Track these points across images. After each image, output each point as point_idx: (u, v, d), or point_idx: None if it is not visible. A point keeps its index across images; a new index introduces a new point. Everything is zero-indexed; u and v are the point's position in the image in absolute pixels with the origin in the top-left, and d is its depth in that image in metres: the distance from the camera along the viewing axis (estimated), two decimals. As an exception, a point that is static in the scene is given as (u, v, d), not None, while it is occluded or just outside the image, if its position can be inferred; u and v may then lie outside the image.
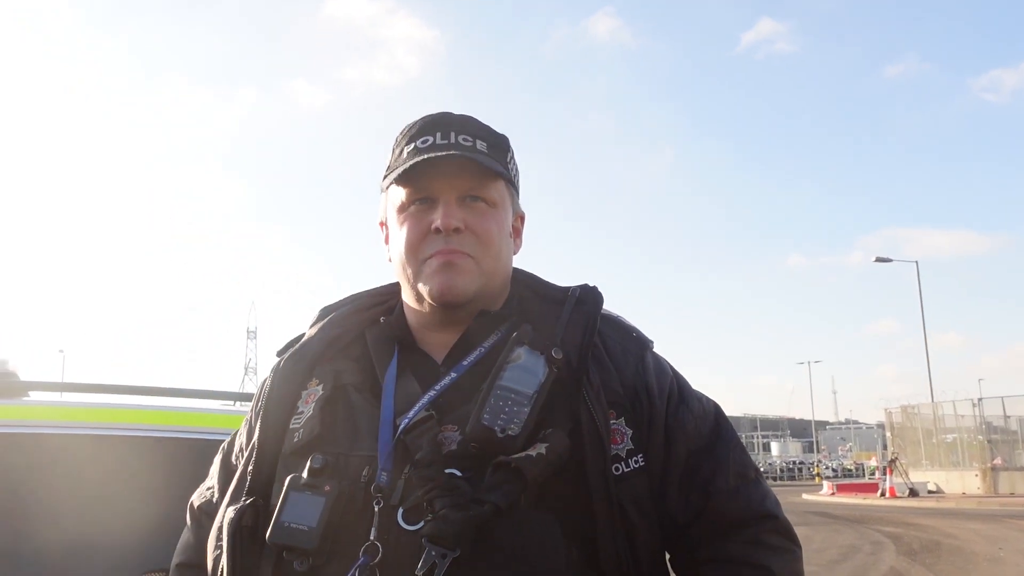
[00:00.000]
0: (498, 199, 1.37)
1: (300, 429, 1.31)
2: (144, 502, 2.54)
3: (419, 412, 1.25)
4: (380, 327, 1.43)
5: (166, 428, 2.70)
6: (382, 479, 1.20)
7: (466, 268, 1.32)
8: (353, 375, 1.36)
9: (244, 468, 1.35)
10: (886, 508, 25.14)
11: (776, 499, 1.35)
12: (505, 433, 1.18)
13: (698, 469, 1.31)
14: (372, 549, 1.16)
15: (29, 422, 2.55)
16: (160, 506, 2.53)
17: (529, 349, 1.27)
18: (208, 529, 1.40)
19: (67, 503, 2.46)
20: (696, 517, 1.29)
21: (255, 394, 1.48)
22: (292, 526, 1.18)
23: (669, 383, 1.37)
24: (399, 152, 1.38)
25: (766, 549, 1.27)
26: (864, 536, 16.25)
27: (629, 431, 1.28)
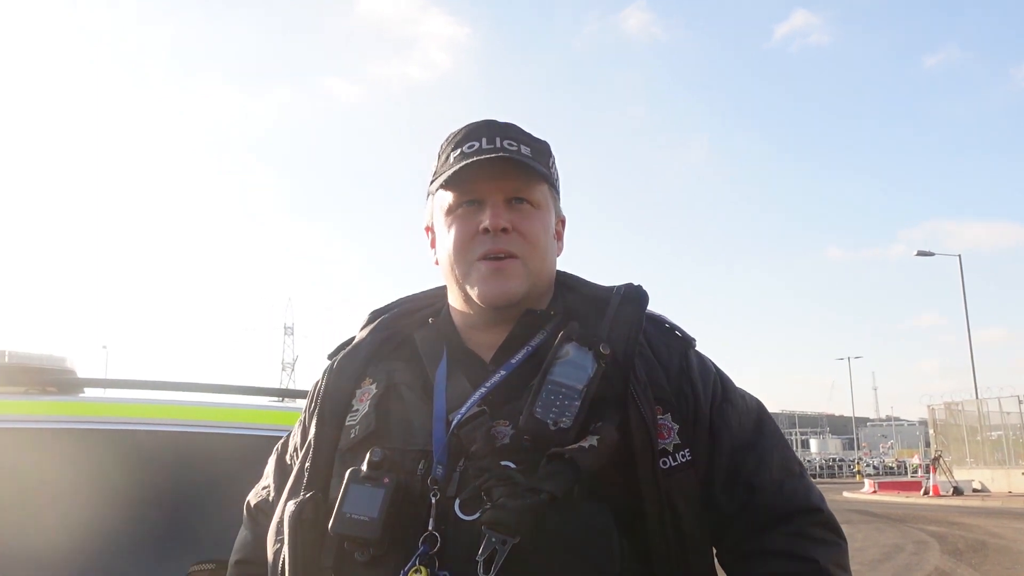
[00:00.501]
0: (542, 201, 1.42)
1: (356, 426, 1.36)
2: (194, 496, 2.61)
3: (471, 408, 1.29)
4: (429, 328, 1.48)
5: (215, 424, 2.76)
6: (438, 472, 1.25)
7: (514, 271, 1.36)
8: (405, 374, 1.41)
9: (302, 464, 1.40)
10: (930, 507, 24.77)
11: (821, 493, 1.37)
12: (557, 426, 1.22)
13: (743, 464, 1.34)
14: (431, 539, 1.20)
15: (85, 418, 2.62)
16: (209, 500, 2.60)
17: (577, 345, 1.30)
18: (265, 526, 1.46)
19: (121, 497, 2.53)
20: (741, 511, 1.32)
21: (308, 395, 1.53)
22: (354, 517, 1.23)
23: (713, 380, 1.40)
24: (445, 158, 1.43)
25: (812, 542, 1.30)
26: (907, 535, 16.04)
27: (675, 426, 1.32)
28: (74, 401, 2.69)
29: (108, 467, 2.56)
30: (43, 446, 2.50)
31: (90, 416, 2.62)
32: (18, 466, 2.45)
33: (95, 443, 2.57)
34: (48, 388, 2.69)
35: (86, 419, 2.60)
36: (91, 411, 2.66)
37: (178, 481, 2.63)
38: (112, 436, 2.60)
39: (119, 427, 2.62)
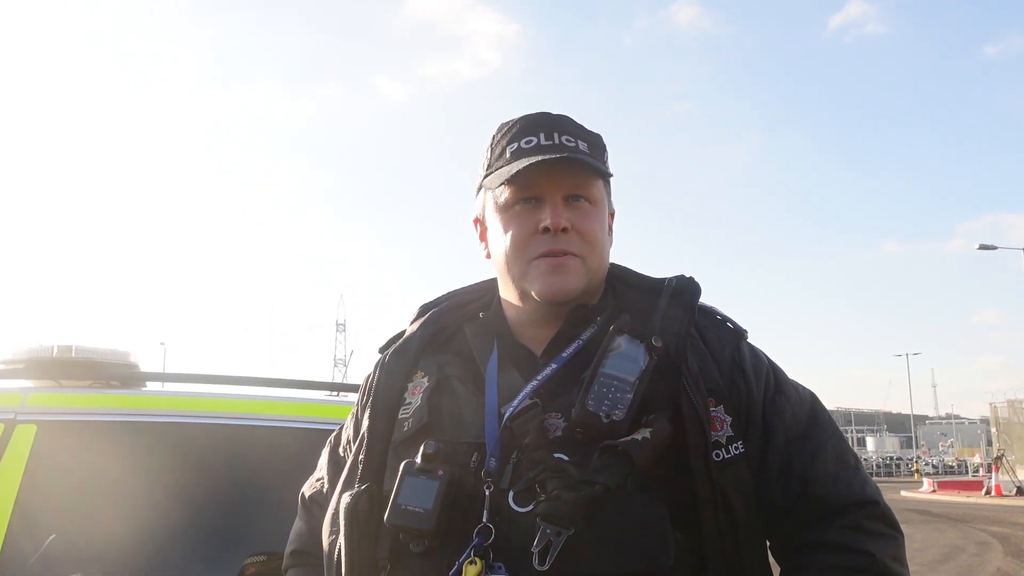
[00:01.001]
0: (599, 198, 1.42)
1: (409, 419, 1.38)
2: (250, 489, 2.66)
3: (523, 400, 1.29)
4: (479, 322, 1.48)
5: (272, 418, 2.80)
6: (491, 464, 1.26)
7: (574, 269, 1.36)
8: (456, 367, 1.42)
9: (355, 457, 1.42)
10: (991, 507, 24.15)
11: (876, 486, 1.36)
12: (610, 418, 1.22)
13: (797, 456, 1.32)
14: (485, 531, 1.21)
15: (146, 411, 2.69)
16: (265, 493, 2.65)
17: (629, 338, 1.30)
18: (319, 518, 1.48)
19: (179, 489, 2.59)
20: (796, 503, 1.31)
21: (360, 388, 1.55)
22: (409, 508, 1.24)
23: (765, 371, 1.39)
24: (499, 151, 1.42)
25: (868, 535, 1.28)
26: (968, 536, 15.67)
27: (728, 419, 1.31)
28: (136, 395, 2.76)
29: (167, 460, 2.62)
30: (106, 438, 2.57)
31: (151, 409, 2.68)
32: (83, 458, 2.52)
33: (155, 436, 2.64)
34: (112, 382, 2.77)
35: (147, 412, 2.66)
36: (152, 404, 2.72)
37: (235, 474, 2.68)
38: (171, 429, 2.66)
39: (178, 420, 2.67)
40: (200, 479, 2.63)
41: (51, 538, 2.47)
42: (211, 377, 2.96)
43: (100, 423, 2.58)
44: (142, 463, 2.58)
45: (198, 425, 2.68)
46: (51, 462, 2.41)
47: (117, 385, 2.78)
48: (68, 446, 2.49)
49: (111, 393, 2.70)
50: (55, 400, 2.58)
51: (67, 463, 2.48)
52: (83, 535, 2.50)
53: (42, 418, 2.46)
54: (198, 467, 2.64)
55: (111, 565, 2.44)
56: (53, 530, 2.48)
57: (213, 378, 2.96)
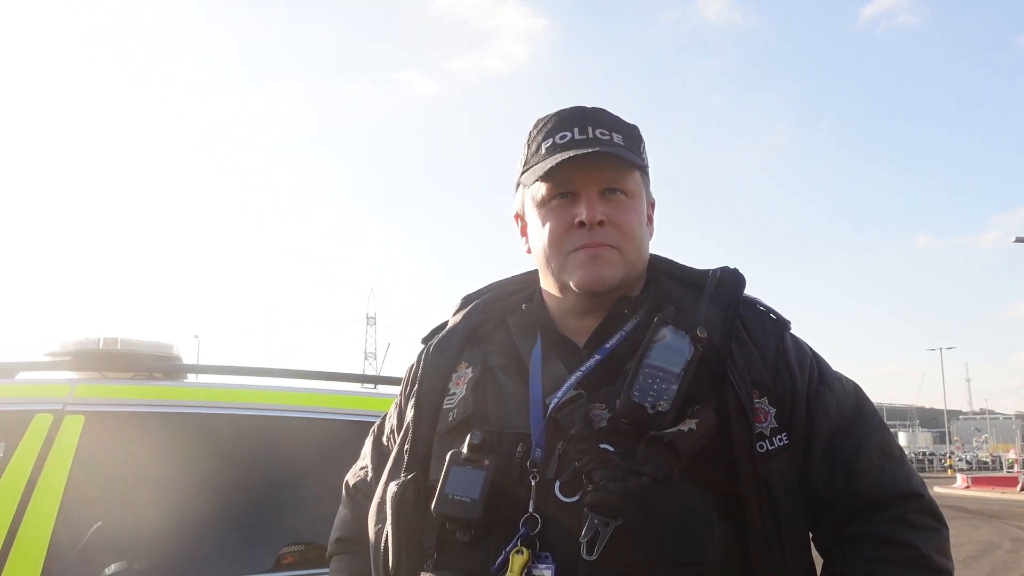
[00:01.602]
0: (636, 190, 1.41)
1: (454, 409, 1.39)
2: (288, 479, 2.70)
3: (568, 391, 1.30)
4: (522, 313, 1.49)
5: (308, 409, 2.84)
6: (536, 455, 1.27)
7: (611, 259, 1.37)
8: (500, 358, 1.43)
9: (400, 447, 1.43)
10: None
11: (921, 479, 1.35)
12: (655, 409, 1.23)
13: (841, 448, 1.32)
14: (532, 520, 1.22)
15: (188, 403, 2.73)
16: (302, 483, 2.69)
17: (674, 329, 1.31)
18: (363, 506, 1.50)
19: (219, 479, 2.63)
20: (839, 495, 1.30)
21: (403, 379, 1.57)
22: (456, 498, 1.25)
23: (809, 363, 1.39)
24: (535, 147, 1.43)
25: (912, 528, 1.28)
26: (1003, 532, 15.47)
27: (772, 410, 1.31)
28: (179, 387, 2.81)
29: (208, 451, 2.66)
30: (150, 429, 2.62)
31: (193, 401, 2.73)
32: (127, 448, 2.57)
33: (197, 427, 2.68)
34: (155, 374, 2.82)
35: (189, 404, 2.71)
36: (194, 396, 2.77)
37: (273, 465, 2.72)
38: (212, 421, 2.70)
39: (219, 412, 2.72)
40: (239, 469, 2.67)
41: (96, 526, 2.53)
42: (252, 370, 3.00)
43: (145, 414, 2.63)
44: (184, 454, 2.62)
45: (238, 416, 2.73)
46: (98, 452, 2.46)
47: (160, 377, 2.83)
48: (114, 436, 2.54)
49: (155, 385, 2.75)
50: (102, 391, 2.63)
51: (112, 453, 2.53)
52: (126, 524, 2.55)
53: (90, 409, 2.51)
54: (237, 458, 2.69)
55: (152, 553, 2.49)
56: (98, 518, 2.53)
57: (254, 370, 3.00)
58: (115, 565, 2.44)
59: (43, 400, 2.50)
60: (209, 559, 2.52)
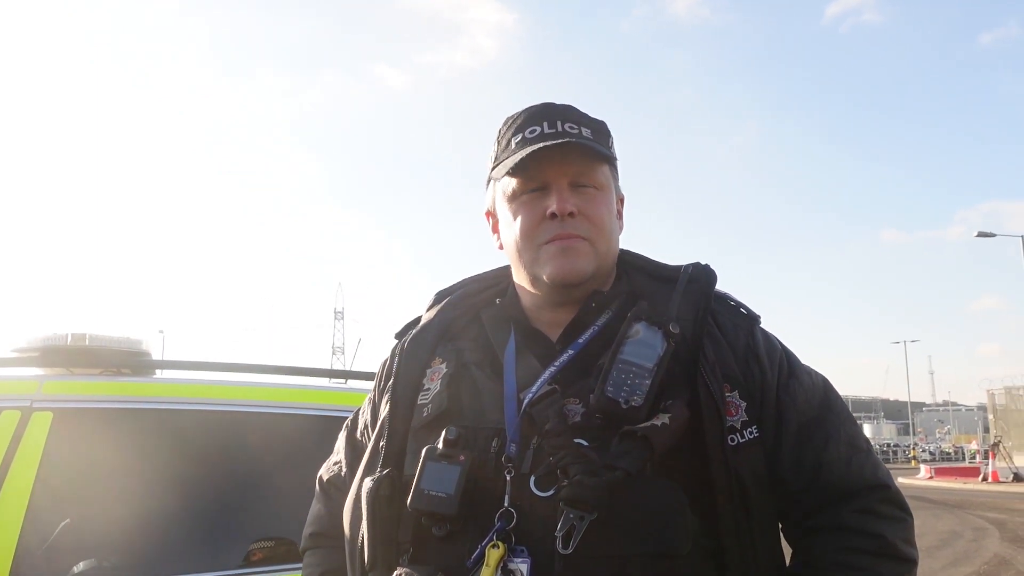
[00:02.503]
0: (605, 183, 1.42)
1: (428, 404, 1.39)
2: (256, 475, 2.69)
3: (542, 386, 1.31)
4: (495, 308, 1.50)
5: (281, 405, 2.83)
6: (511, 450, 1.27)
7: (583, 251, 1.37)
8: (474, 353, 1.43)
9: (376, 443, 1.43)
10: (988, 493, 24.25)
11: (887, 470, 1.38)
12: (629, 404, 1.24)
13: (809, 440, 1.34)
14: (507, 515, 1.23)
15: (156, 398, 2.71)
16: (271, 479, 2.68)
17: (647, 324, 1.32)
18: (337, 501, 1.50)
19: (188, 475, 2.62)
20: (808, 486, 1.33)
21: (377, 374, 1.57)
22: (431, 493, 1.26)
23: (779, 357, 1.41)
24: (505, 143, 1.43)
25: (879, 518, 1.30)
26: (965, 522, 15.76)
27: (743, 404, 1.33)
28: (147, 383, 2.78)
29: (178, 447, 2.64)
30: (118, 426, 2.60)
31: (163, 397, 2.71)
32: (96, 445, 2.54)
33: (166, 424, 2.66)
34: (123, 370, 2.79)
35: (159, 400, 2.69)
36: (163, 392, 2.75)
37: (243, 460, 2.71)
38: (182, 417, 2.68)
39: (189, 408, 2.70)
40: (208, 466, 2.66)
41: (64, 523, 2.50)
42: (221, 365, 2.98)
43: (113, 410, 2.61)
44: (152, 450, 2.61)
45: (207, 412, 2.71)
46: (66, 449, 2.44)
47: (128, 373, 2.80)
48: (82, 433, 2.51)
49: (123, 381, 2.73)
50: (70, 388, 2.61)
51: (81, 450, 2.50)
52: (95, 521, 2.53)
53: (58, 405, 2.49)
54: (206, 454, 2.67)
55: (121, 551, 2.48)
56: (67, 515, 2.51)
57: (223, 366, 2.99)
58: (83, 563, 2.42)
59: (10, 397, 2.47)
60: (178, 556, 2.51)
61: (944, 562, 10.87)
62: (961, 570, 10.27)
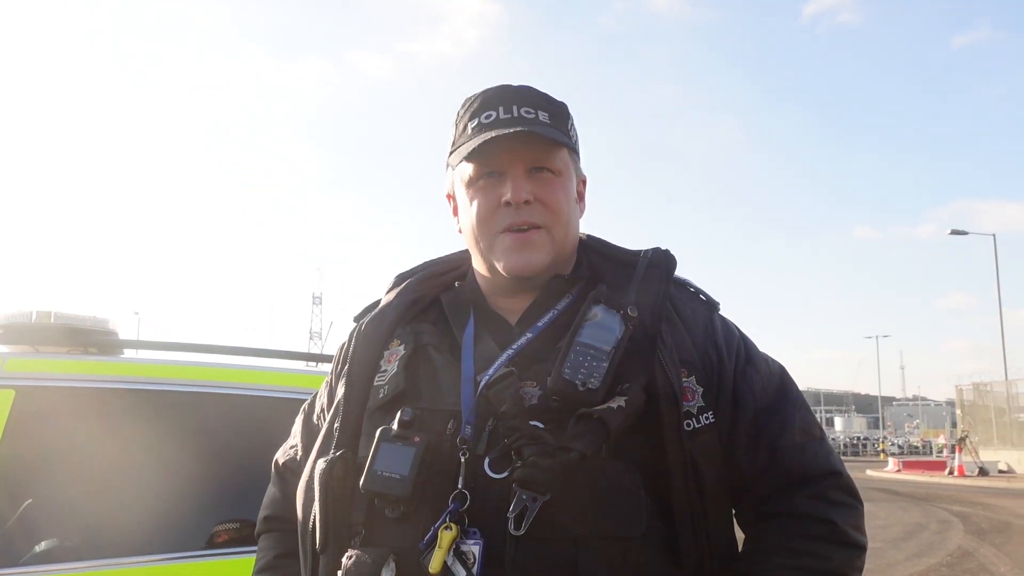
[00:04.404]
0: (563, 167, 1.42)
1: (385, 386, 1.38)
2: (222, 457, 2.68)
3: (499, 369, 1.31)
4: (455, 291, 1.50)
5: (247, 387, 2.82)
6: (467, 431, 1.27)
7: (539, 243, 1.37)
8: (432, 336, 1.43)
9: (331, 424, 1.42)
10: (954, 487, 24.60)
11: (839, 458, 1.39)
12: (585, 387, 1.24)
13: (765, 427, 1.36)
14: (461, 497, 1.22)
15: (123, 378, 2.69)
16: (236, 461, 2.67)
17: (605, 308, 1.32)
18: (293, 484, 1.49)
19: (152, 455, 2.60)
20: (762, 472, 1.34)
21: (335, 357, 1.55)
22: (385, 475, 1.25)
23: (736, 344, 1.42)
24: (463, 127, 1.43)
25: (830, 504, 1.32)
26: (930, 514, 15.98)
27: (699, 389, 1.34)
28: (114, 362, 2.77)
29: (144, 427, 2.63)
30: (83, 404, 2.58)
31: (129, 376, 2.69)
32: (60, 423, 2.53)
33: (132, 403, 2.65)
34: (90, 349, 2.77)
35: (125, 379, 2.68)
36: (130, 372, 2.73)
37: (210, 441, 2.70)
38: (148, 396, 2.67)
39: (155, 388, 2.69)
40: (174, 446, 2.64)
41: (27, 503, 2.48)
42: (189, 346, 2.97)
43: (78, 389, 2.59)
44: (118, 429, 2.59)
45: (175, 393, 2.70)
46: (28, 428, 2.42)
47: (95, 352, 2.78)
48: (45, 412, 2.50)
49: (89, 359, 2.71)
50: (33, 366, 2.58)
51: (44, 429, 2.49)
52: (58, 501, 2.51)
53: (20, 383, 2.47)
54: (172, 434, 2.65)
55: (84, 531, 2.46)
56: (29, 495, 2.49)
57: (191, 346, 2.97)
58: (46, 543, 2.41)
59: None
60: (142, 537, 2.49)
61: (909, 553, 11.03)
62: (925, 561, 10.43)
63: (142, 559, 2.42)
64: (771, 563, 1.29)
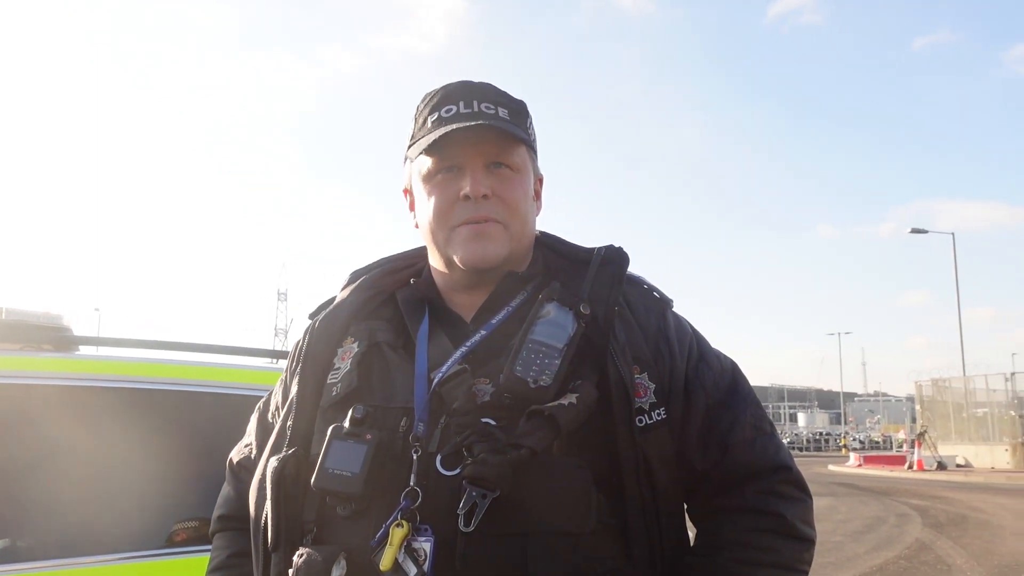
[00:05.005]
0: (521, 164, 1.42)
1: (338, 383, 1.38)
2: (182, 455, 2.65)
3: (453, 366, 1.31)
4: (410, 288, 1.49)
5: (207, 384, 2.79)
6: (419, 429, 1.27)
7: (496, 235, 1.37)
8: (387, 333, 1.42)
9: (284, 422, 1.41)
10: (913, 481, 25.03)
11: (789, 452, 1.41)
12: (537, 384, 1.25)
13: (716, 422, 1.37)
14: (413, 494, 1.22)
15: (79, 375, 2.65)
16: (196, 459, 2.65)
17: (558, 305, 1.33)
18: (247, 483, 1.48)
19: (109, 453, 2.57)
20: (713, 467, 1.35)
21: (290, 354, 1.54)
22: (336, 472, 1.24)
23: (689, 340, 1.43)
24: (422, 121, 1.42)
25: (780, 498, 1.34)
26: (890, 508, 16.25)
27: (652, 386, 1.34)
28: (68, 358, 2.72)
29: (99, 425, 2.59)
30: (37, 402, 2.54)
31: (83, 373, 2.65)
32: (12, 421, 2.48)
33: (88, 400, 2.61)
34: (43, 346, 2.73)
35: (79, 376, 2.63)
36: (86, 368, 2.69)
37: (167, 439, 2.66)
38: (104, 394, 2.63)
39: (111, 385, 2.65)
40: (131, 444, 2.60)
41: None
42: (147, 342, 2.93)
43: (30, 386, 2.54)
44: (73, 427, 2.55)
45: (131, 390, 2.66)
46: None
47: (49, 349, 2.74)
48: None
49: (42, 356, 2.66)
50: None
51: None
52: (10, 500, 2.47)
53: (-31, 380, 2.42)
54: (129, 432, 2.61)
55: (38, 530, 2.42)
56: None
57: (149, 343, 2.94)
58: None
59: None
60: (99, 536, 2.46)
61: (868, 547, 11.21)
62: (884, 554, 10.60)
63: (98, 559, 2.38)
64: (721, 556, 1.31)
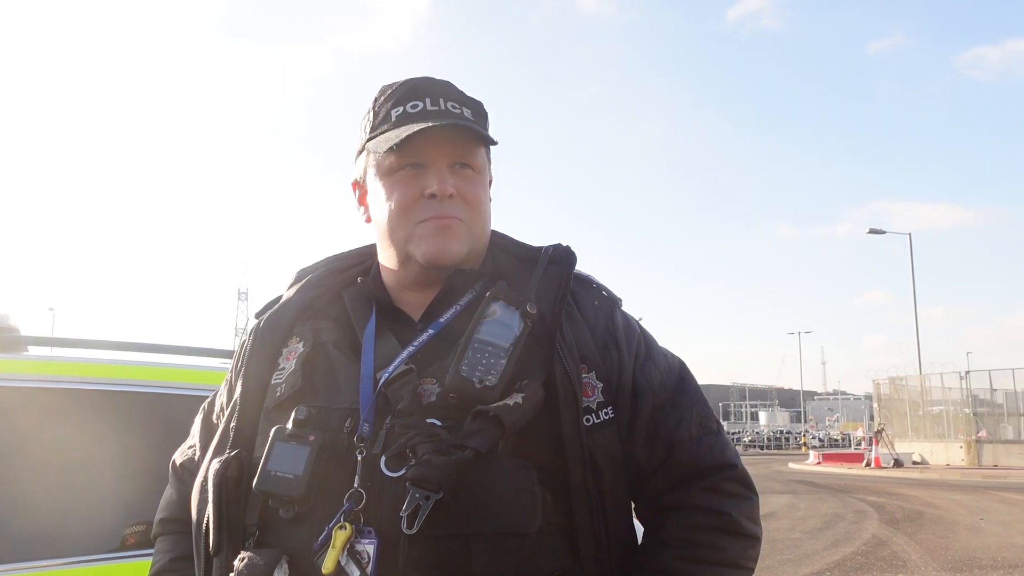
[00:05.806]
0: (482, 165, 1.42)
1: (282, 384, 1.36)
2: (135, 457, 2.61)
3: (399, 366, 1.30)
4: (358, 287, 1.47)
5: (162, 384, 2.76)
6: (364, 430, 1.25)
7: (459, 232, 1.37)
8: (332, 333, 1.41)
9: (227, 423, 1.39)
10: (871, 478, 25.44)
11: (735, 450, 1.42)
12: (483, 384, 1.24)
13: (663, 421, 1.37)
14: (356, 496, 1.21)
15: (28, 376, 2.61)
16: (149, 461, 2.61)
17: (504, 304, 1.32)
18: (190, 485, 1.45)
19: (59, 456, 2.53)
20: (660, 466, 1.35)
21: (235, 354, 1.52)
22: (278, 474, 1.23)
23: (637, 339, 1.43)
24: (383, 114, 1.40)
25: (726, 496, 1.34)
26: (848, 505, 16.50)
27: (599, 385, 1.34)
28: (15, 359, 2.67)
29: (48, 427, 2.55)
30: None
31: (32, 374, 2.61)
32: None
33: (36, 401, 2.56)
34: (-11, 346, 2.67)
35: (26, 377, 2.59)
36: (34, 369, 2.64)
37: (119, 441, 2.63)
38: (54, 395, 2.59)
39: (61, 386, 2.61)
40: (81, 446, 2.57)
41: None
42: (99, 343, 2.89)
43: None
44: (22, 429, 2.51)
45: (82, 391, 2.62)
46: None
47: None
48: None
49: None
50: None
51: None
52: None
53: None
54: (79, 434, 2.58)
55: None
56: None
57: (101, 344, 2.90)
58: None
59: None
60: (49, 541, 2.42)
61: (826, 543, 11.38)
62: (842, 550, 10.76)
63: (48, 563, 2.34)
64: (668, 555, 1.31)
